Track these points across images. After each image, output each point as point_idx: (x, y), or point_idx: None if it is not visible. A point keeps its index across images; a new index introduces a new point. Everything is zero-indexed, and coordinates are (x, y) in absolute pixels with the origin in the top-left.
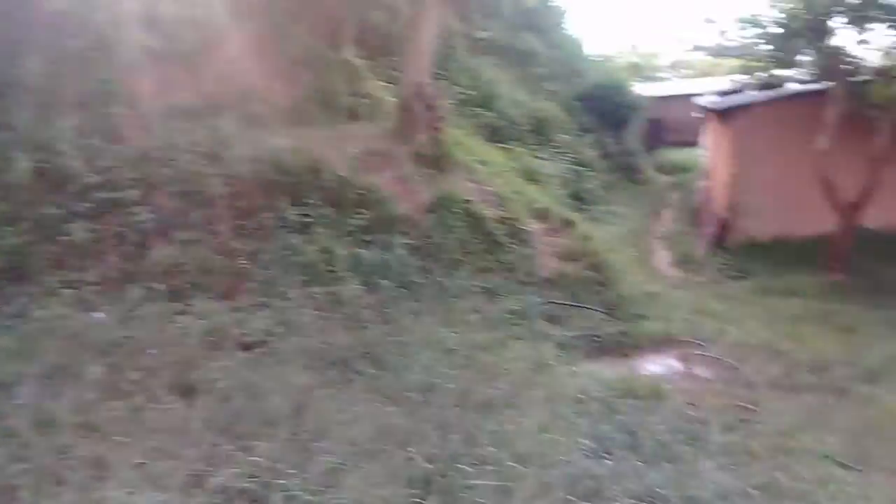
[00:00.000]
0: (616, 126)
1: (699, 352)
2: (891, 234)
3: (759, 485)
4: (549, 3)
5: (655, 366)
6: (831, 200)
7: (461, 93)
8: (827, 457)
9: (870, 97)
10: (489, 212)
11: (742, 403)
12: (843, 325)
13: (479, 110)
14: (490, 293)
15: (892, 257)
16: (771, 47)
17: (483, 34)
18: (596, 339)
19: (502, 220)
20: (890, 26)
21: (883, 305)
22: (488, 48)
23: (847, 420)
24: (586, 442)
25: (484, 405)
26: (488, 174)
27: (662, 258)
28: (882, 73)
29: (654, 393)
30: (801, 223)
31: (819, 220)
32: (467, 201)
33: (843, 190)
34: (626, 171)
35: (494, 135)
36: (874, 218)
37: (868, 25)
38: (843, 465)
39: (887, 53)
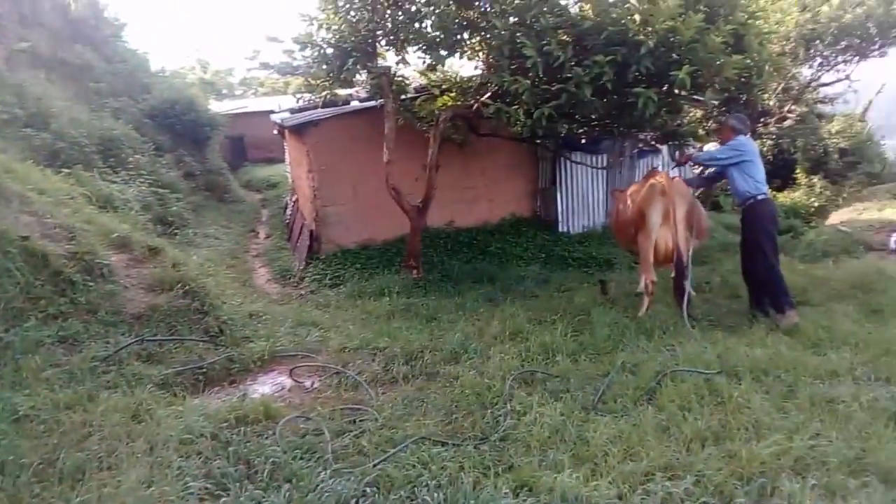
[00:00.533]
0: (196, 145)
1: (306, 363)
2: (450, 230)
3: (372, 482)
4: (104, 15)
5: (266, 386)
6: (400, 206)
7: (3, 111)
8: (425, 438)
9: (417, 112)
10: (55, 248)
11: (350, 405)
12: (426, 315)
13: (29, 131)
14: (69, 341)
15: (454, 251)
16: (327, 67)
17: (23, 45)
18: (200, 371)
19: (74, 256)
20: (421, 49)
21: (454, 293)
22: (34, 62)
23: (439, 401)
24: (198, 484)
25: (72, 474)
26: (50, 204)
27: (261, 276)
28: (421, 90)
29: (265, 415)
30: (381, 229)
31: (395, 225)
32: (25, 238)
33: (409, 195)
34: (214, 191)
35: (54, 159)
36: (437, 217)
37: (406, 48)
38: (441, 443)
39: (422, 73)
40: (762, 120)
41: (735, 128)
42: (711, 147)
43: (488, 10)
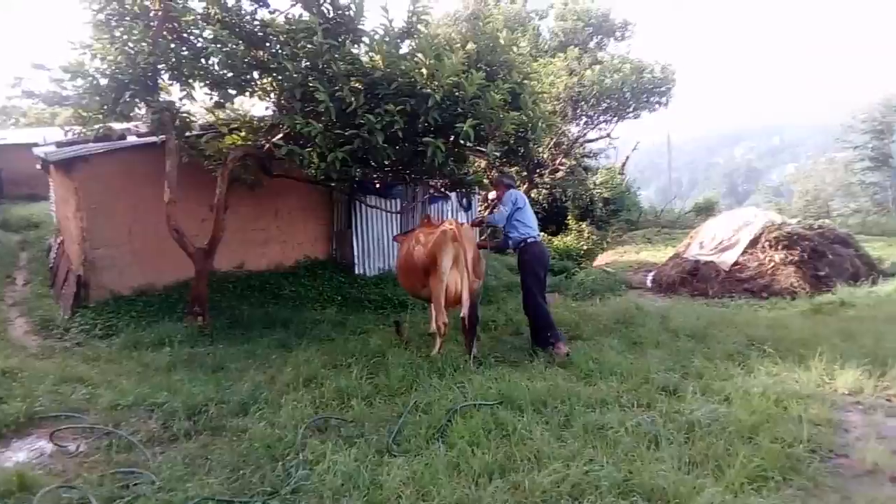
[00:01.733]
0: None
1: (70, 425)
2: (240, 273)
3: None
4: None
5: (21, 453)
6: (184, 248)
7: None
8: (209, 499)
9: (204, 150)
10: None
11: (123, 469)
12: (212, 365)
13: None
14: None
15: (244, 295)
16: (101, 99)
17: None
18: None
19: None
20: (207, 86)
21: (244, 341)
22: None
23: (225, 457)
24: None
25: None
26: None
27: (18, 327)
28: (208, 128)
29: (20, 486)
30: (162, 273)
31: (179, 268)
32: None
33: (195, 237)
34: None
35: None
36: (225, 261)
37: (192, 83)
38: (226, 502)
39: (209, 111)
40: (538, 171)
41: (506, 183)
42: (493, 195)
43: (279, 52)
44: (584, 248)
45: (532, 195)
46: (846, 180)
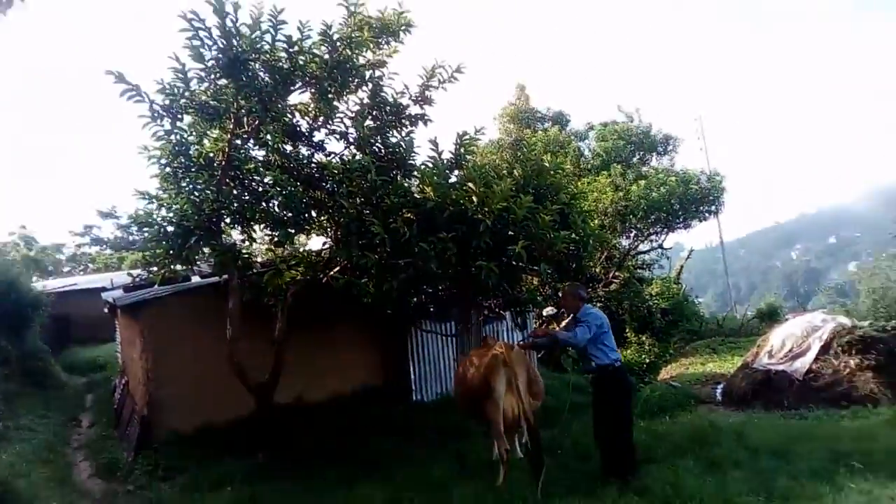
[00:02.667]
0: (14, 328)
1: None
2: (300, 406)
3: None
4: None
5: None
6: (245, 384)
7: None
8: None
9: (264, 287)
10: None
11: None
12: None
13: None
14: None
15: (304, 429)
16: (167, 244)
17: None
18: None
19: None
20: (267, 227)
21: (303, 476)
22: None
23: None
24: None
25: None
26: None
27: (83, 470)
28: (268, 265)
29: None
30: (223, 409)
31: (240, 404)
32: None
33: (254, 372)
34: (31, 377)
35: None
36: (284, 394)
37: (252, 225)
38: None
39: (269, 249)
40: (591, 285)
41: (582, 297)
42: (549, 310)
43: (336, 190)
44: (647, 361)
45: None
46: None
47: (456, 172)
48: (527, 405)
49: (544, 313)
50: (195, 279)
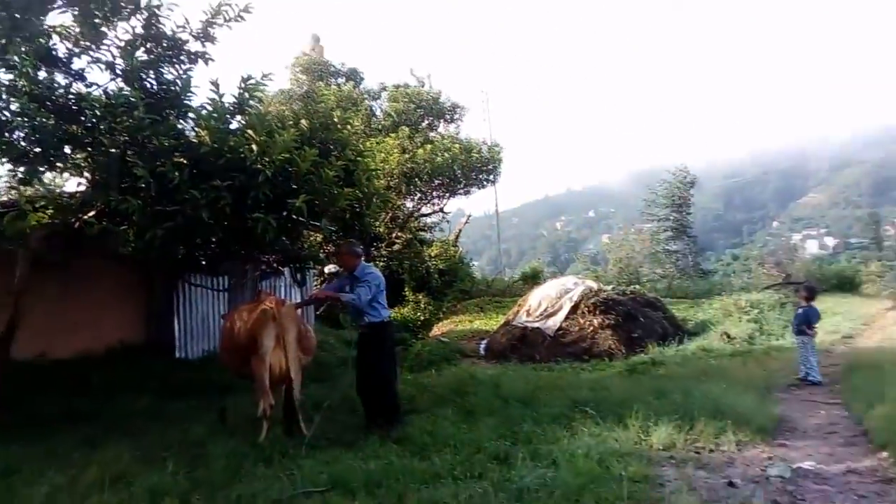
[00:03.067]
0: None
1: None
2: (41, 363)
3: None
4: None
5: None
6: None
7: None
8: None
9: (2, 231)
10: None
11: None
12: (2, 468)
13: None
14: None
15: (45, 387)
16: None
17: None
18: None
19: None
20: (10, 162)
21: (42, 438)
22: None
23: None
24: None
25: None
26: None
27: None
28: (9, 206)
29: None
30: None
31: None
32: None
33: None
34: None
35: None
36: (25, 350)
37: None
38: None
39: (11, 188)
40: (375, 245)
41: (359, 254)
42: (331, 268)
43: (96, 126)
44: (422, 318)
45: None
46: (653, 249)
47: (238, 118)
48: (294, 361)
49: (326, 271)
50: None
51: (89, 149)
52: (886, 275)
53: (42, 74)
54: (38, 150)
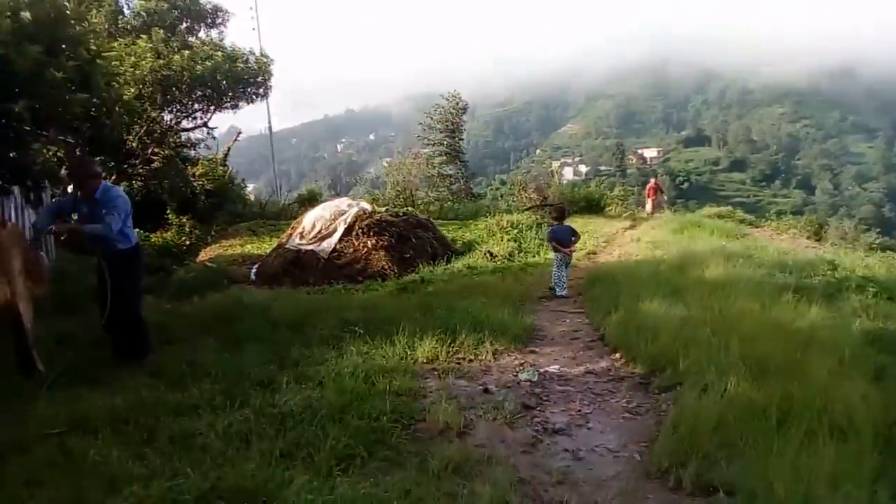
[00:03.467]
0: None
1: None
2: None
3: None
4: None
5: None
6: None
7: None
8: None
9: None
10: None
11: None
12: None
13: None
14: None
15: None
16: None
17: None
18: None
19: None
20: None
21: None
22: None
23: None
24: None
25: None
26: None
27: None
28: None
29: None
30: None
31: None
32: None
33: None
34: None
35: None
36: None
37: None
38: None
39: None
40: (128, 161)
41: (97, 173)
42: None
43: None
44: (187, 243)
45: (124, 187)
46: (428, 172)
47: None
48: (21, 292)
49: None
50: None
51: None
52: (628, 198)
53: None
54: None
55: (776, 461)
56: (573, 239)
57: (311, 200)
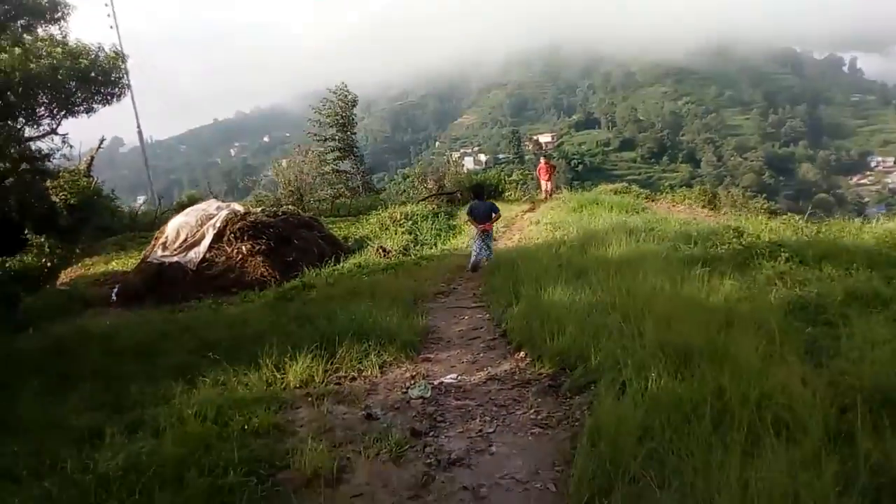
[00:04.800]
0: None
1: None
2: None
3: None
4: None
5: None
6: None
7: None
8: None
9: None
10: None
11: None
12: None
13: None
14: None
15: None
16: None
17: None
18: None
19: None
20: None
21: None
22: None
23: None
24: None
25: None
26: None
27: None
28: None
29: None
30: None
31: None
32: None
33: None
34: None
35: None
36: None
37: None
38: None
39: None
40: None
41: None
42: None
43: None
44: (49, 265)
45: None
46: (321, 170)
47: None
48: None
49: None
50: None
51: None
52: (526, 181)
53: None
54: None
55: (718, 476)
56: (494, 216)
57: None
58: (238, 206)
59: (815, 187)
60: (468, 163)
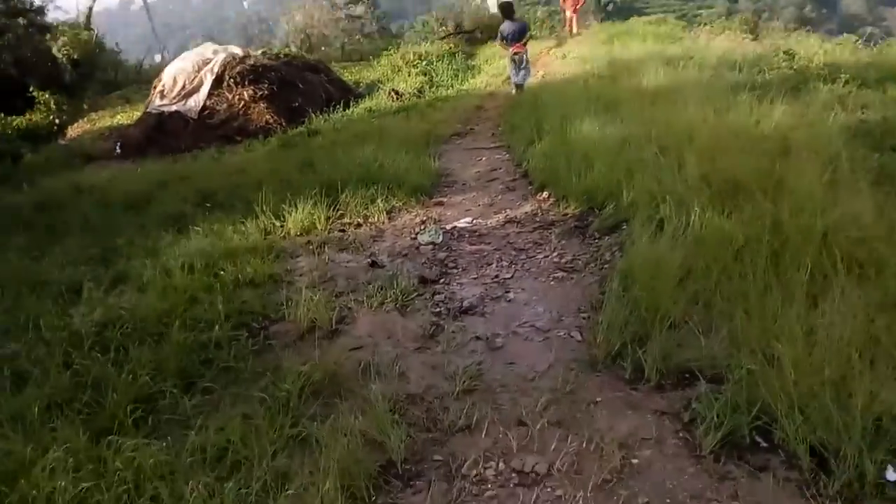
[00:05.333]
0: None
1: None
2: None
3: None
4: None
5: None
6: None
7: None
8: None
9: None
10: None
11: None
12: None
13: None
14: None
15: None
16: None
17: None
18: None
19: None
20: None
21: None
22: None
23: None
24: None
25: None
26: None
27: None
28: None
29: None
30: None
31: None
32: None
33: None
34: None
35: None
36: None
37: None
38: None
39: None
40: None
41: None
42: None
43: None
44: (56, 122)
45: None
46: (333, 15)
47: None
48: None
49: None
50: None
51: None
52: (553, 18)
53: None
54: None
55: (777, 322)
56: (527, 35)
57: None
58: (236, 49)
59: (857, 21)
60: (492, 6)
